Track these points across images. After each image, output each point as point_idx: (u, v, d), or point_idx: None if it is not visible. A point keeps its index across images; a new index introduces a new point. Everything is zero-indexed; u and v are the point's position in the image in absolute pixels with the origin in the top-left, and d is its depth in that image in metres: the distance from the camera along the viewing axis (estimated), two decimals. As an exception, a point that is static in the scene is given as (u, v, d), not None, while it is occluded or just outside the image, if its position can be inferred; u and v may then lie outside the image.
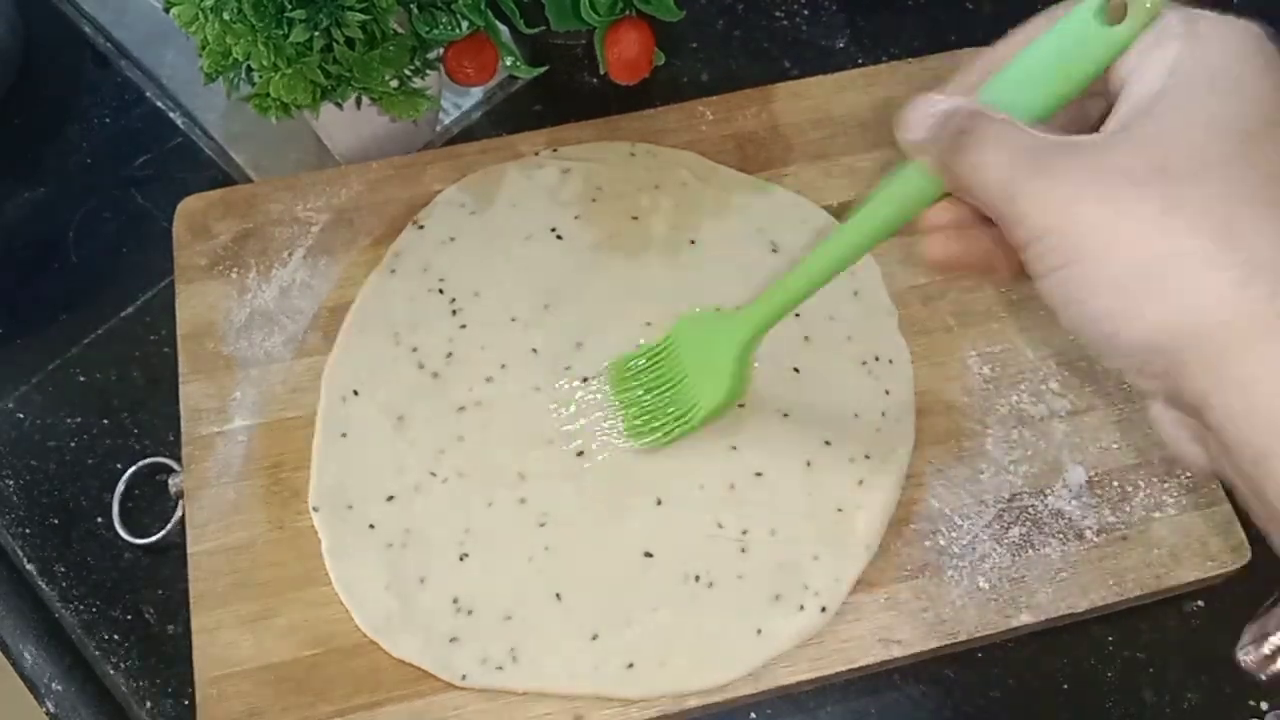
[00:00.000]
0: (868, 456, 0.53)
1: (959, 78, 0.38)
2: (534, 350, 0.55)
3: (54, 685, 0.52)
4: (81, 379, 0.59)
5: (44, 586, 0.54)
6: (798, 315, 0.55)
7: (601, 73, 0.56)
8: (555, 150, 0.60)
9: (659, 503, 0.52)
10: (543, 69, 0.59)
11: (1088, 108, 0.36)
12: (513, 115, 0.66)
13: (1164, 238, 0.30)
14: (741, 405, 0.53)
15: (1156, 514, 0.52)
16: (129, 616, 0.53)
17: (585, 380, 0.54)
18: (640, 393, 0.53)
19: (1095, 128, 0.34)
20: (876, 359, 0.55)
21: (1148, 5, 0.33)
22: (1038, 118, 0.35)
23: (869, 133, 0.61)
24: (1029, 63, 0.35)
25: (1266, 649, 0.50)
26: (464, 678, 0.48)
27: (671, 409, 0.52)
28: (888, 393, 0.54)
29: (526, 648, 0.49)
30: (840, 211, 0.59)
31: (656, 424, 0.52)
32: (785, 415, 0.54)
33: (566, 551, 0.51)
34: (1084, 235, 0.31)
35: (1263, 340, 0.29)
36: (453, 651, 0.49)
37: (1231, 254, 0.30)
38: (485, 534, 0.51)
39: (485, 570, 0.51)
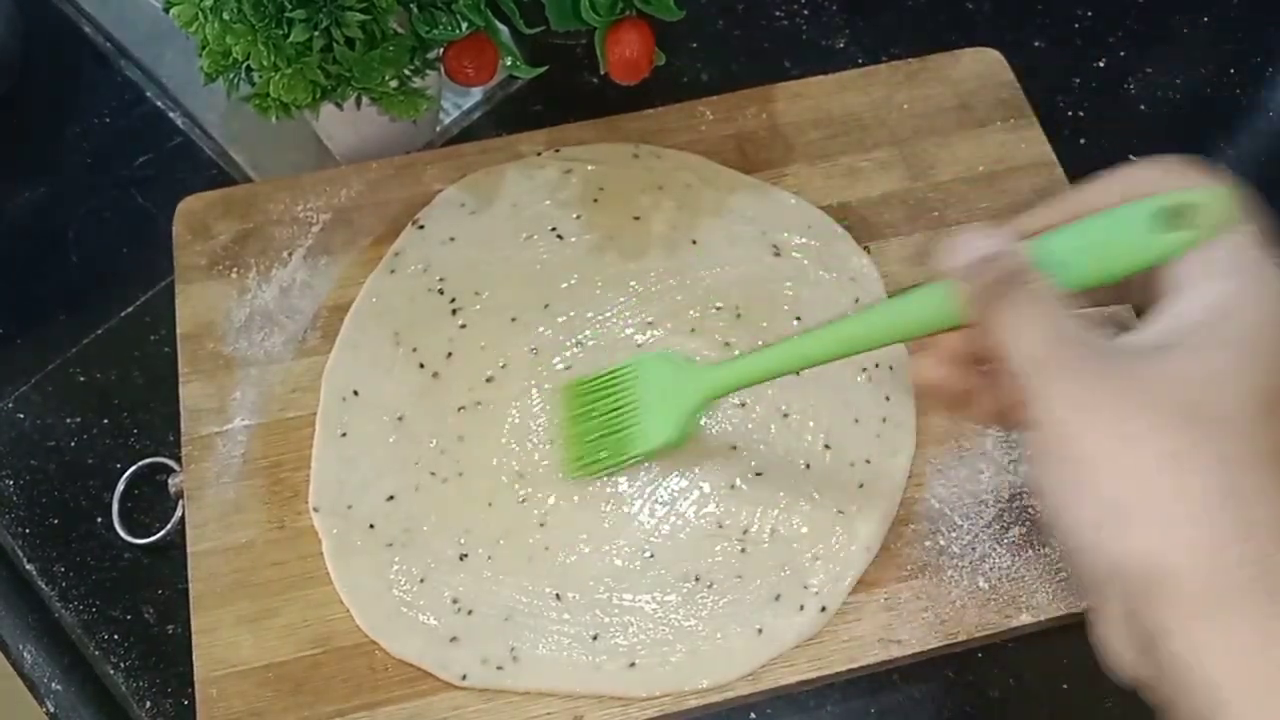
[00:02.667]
0: (868, 461, 0.53)
1: (1022, 220, 0.37)
2: (534, 350, 0.55)
3: (54, 685, 0.52)
4: (81, 379, 0.59)
5: (44, 586, 0.54)
6: (799, 319, 0.56)
7: (601, 73, 0.56)
8: (558, 150, 0.61)
9: (659, 502, 0.52)
10: (543, 69, 0.59)
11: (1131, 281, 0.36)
12: (513, 115, 0.66)
13: (1168, 477, 0.30)
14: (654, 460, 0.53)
15: (1156, 514, 0.52)
16: (129, 616, 0.53)
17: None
18: (588, 420, 0.52)
19: (1122, 299, 0.35)
20: (877, 366, 0.55)
21: (1200, 228, 0.33)
22: (1079, 287, 0.35)
23: (869, 133, 0.61)
24: (1084, 233, 0.35)
25: None
26: (464, 678, 0.49)
27: (612, 438, 0.51)
28: (888, 399, 0.54)
29: (526, 648, 0.49)
30: (840, 212, 0.59)
31: (591, 456, 0.52)
32: (785, 416, 0.54)
33: (566, 551, 0.51)
34: (1092, 446, 0.31)
35: (1223, 608, 0.29)
36: (452, 651, 0.49)
37: (1226, 512, 0.29)
38: (485, 534, 0.51)
39: (485, 570, 0.51)
